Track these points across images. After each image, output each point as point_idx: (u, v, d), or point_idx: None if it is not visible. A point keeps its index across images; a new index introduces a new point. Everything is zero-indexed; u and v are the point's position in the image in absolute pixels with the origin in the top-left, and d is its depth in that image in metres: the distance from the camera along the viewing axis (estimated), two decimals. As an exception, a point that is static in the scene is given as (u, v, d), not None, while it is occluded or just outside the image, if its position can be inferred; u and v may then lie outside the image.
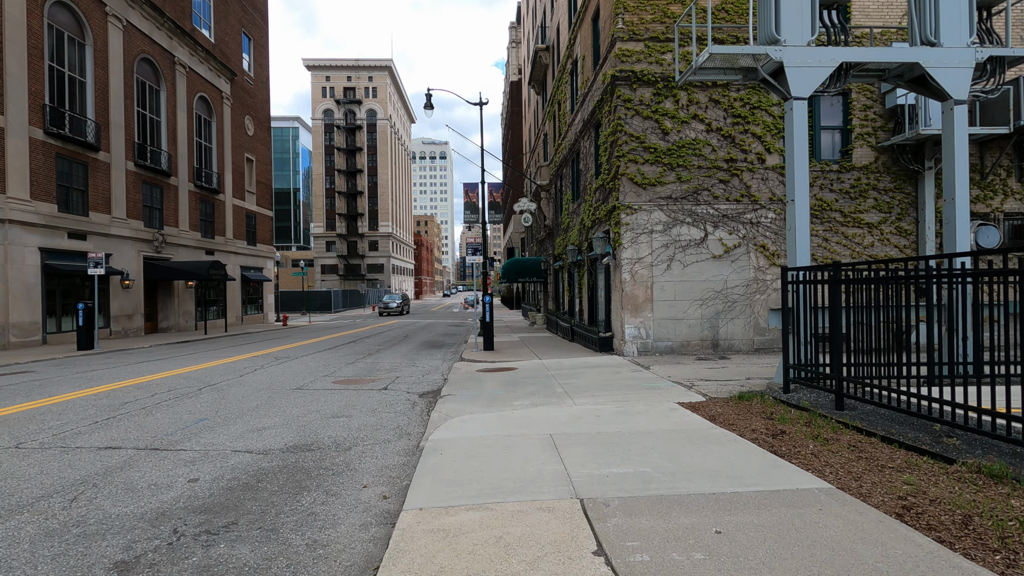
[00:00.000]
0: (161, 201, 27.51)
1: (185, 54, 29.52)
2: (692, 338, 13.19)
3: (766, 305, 13.26)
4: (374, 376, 11.19)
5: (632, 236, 13.10)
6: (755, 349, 13.23)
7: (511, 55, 60.38)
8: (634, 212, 13.10)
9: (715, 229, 13.25)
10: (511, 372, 11.36)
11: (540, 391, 8.94)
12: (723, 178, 13.21)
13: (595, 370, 11.13)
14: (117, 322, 23.86)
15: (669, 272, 13.17)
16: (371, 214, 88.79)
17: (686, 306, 13.17)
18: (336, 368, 12.44)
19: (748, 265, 13.26)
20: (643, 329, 13.09)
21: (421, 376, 11.19)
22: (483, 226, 19.83)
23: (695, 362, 11.89)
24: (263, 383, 10.23)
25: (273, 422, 6.98)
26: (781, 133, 13.29)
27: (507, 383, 9.89)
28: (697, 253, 13.22)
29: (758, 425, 6.13)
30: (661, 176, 13.14)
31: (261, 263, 38.39)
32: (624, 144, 13.07)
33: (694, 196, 13.21)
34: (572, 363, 12.29)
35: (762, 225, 13.29)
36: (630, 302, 13.06)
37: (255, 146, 37.92)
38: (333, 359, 14.30)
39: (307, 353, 15.90)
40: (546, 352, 14.81)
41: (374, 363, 13.41)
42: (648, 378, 9.91)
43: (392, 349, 17.00)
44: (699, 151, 13.18)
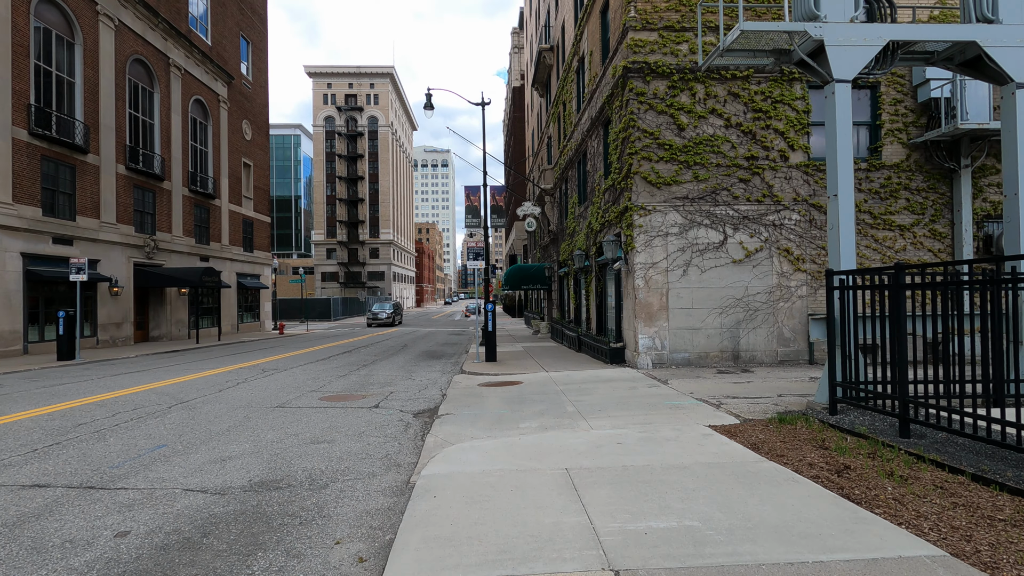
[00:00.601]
0: (153, 206, 26.68)
1: (180, 56, 28.83)
2: (711, 349, 12.21)
3: (790, 313, 12.29)
4: (366, 391, 10.22)
5: (646, 239, 12.17)
6: (779, 361, 12.24)
7: (513, 61, 59.88)
8: (648, 213, 12.17)
9: (735, 232, 12.31)
10: (516, 387, 10.39)
11: (549, 410, 7.97)
12: (743, 177, 12.29)
13: (608, 385, 10.15)
14: (105, 331, 22.95)
15: (686, 278, 12.22)
16: (372, 221, 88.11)
17: (704, 315, 12.21)
18: (326, 382, 11.48)
19: (771, 270, 12.30)
20: (658, 339, 12.12)
21: (417, 391, 10.22)
22: (484, 230, 18.93)
23: (716, 375, 10.91)
24: (242, 400, 9.27)
25: (242, 449, 6.01)
26: (805, 128, 12.38)
27: (512, 400, 8.91)
28: (716, 257, 12.27)
29: (813, 457, 5.15)
30: (677, 175, 12.23)
31: (258, 270, 37.54)
32: (637, 140, 12.17)
33: (712, 196, 12.29)
34: (582, 377, 11.31)
35: (786, 227, 12.34)
36: (644, 310, 12.10)
37: (253, 151, 37.19)
38: (325, 371, 13.34)
39: (298, 364, 14.94)
40: (552, 364, 13.84)
41: (368, 376, 12.45)
42: (668, 394, 8.93)
43: (389, 360, 16.03)
44: (717, 148, 12.27)
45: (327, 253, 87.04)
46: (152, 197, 26.57)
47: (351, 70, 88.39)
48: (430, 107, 20.22)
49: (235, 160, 34.60)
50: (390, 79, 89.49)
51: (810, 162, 12.36)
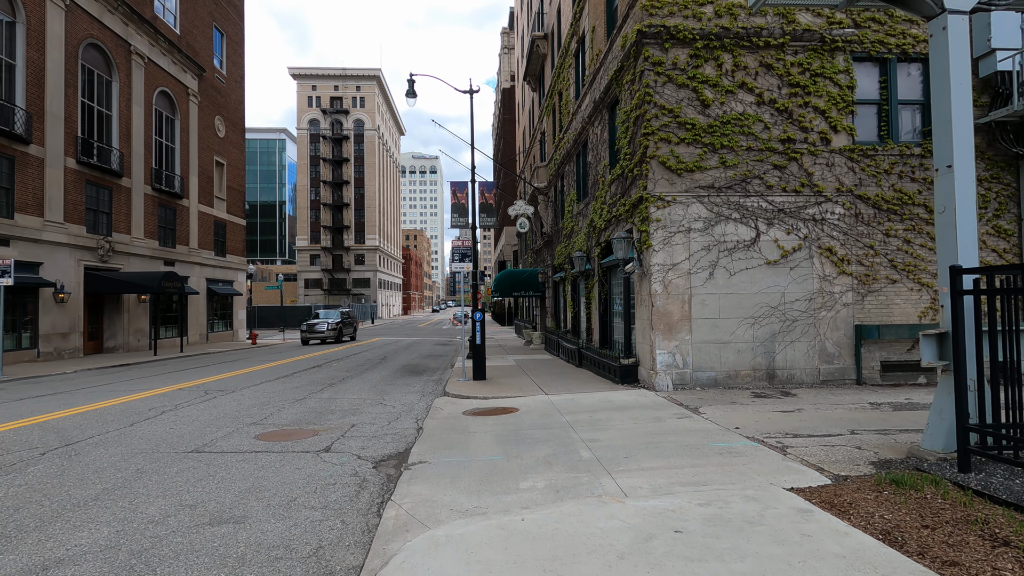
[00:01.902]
0: (110, 204, 24.32)
1: (144, 43, 26.59)
2: (741, 367, 10.26)
3: (834, 324, 10.38)
4: (321, 423, 8.10)
5: (665, 236, 10.22)
6: (821, 381, 10.31)
7: (503, 62, 58.29)
8: (667, 205, 10.23)
9: (769, 227, 10.40)
10: (511, 416, 8.33)
11: (558, 456, 5.93)
12: (778, 163, 10.41)
13: (625, 414, 8.14)
14: (48, 341, 20.51)
15: (712, 282, 10.28)
16: (358, 227, 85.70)
17: (733, 325, 10.26)
18: (275, 409, 9.33)
19: (811, 273, 10.41)
20: (679, 355, 10.14)
21: (387, 423, 8.12)
22: (472, 229, 16.91)
23: (753, 400, 8.94)
24: (152, 440, 7.11)
25: (92, 541, 3.89)
26: (849, 107, 10.54)
27: (507, 438, 6.86)
28: (747, 258, 10.35)
29: (1001, 563, 3.17)
30: (701, 159, 10.31)
31: (231, 276, 35.15)
32: (653, 119, 10.25)
33: (742, 185, 10.39)
34: (590, 402, 9.28)
35: (827, 223, 10.47)
36: (663, 320, 10.13)
37: (226, 149, 34.91)
38: (280, 393, 11.18)
39: (254, 383, 12.75)
40: (551, 383, 11.81)
41: (330, 399, 10.32)
42: (707, 429, 6.93)
43: (361, 377, 13.89)
44: (748, 128, 10.39)
45: (311, 259, 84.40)
46: (108, 195, 24.22)
47: (337, 72, 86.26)
48: (412, 94, 18.22)
49: (206, 158, 32.29)
50: (377, 81, 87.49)
51: (855, 146, 10.52)
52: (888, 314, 10.47)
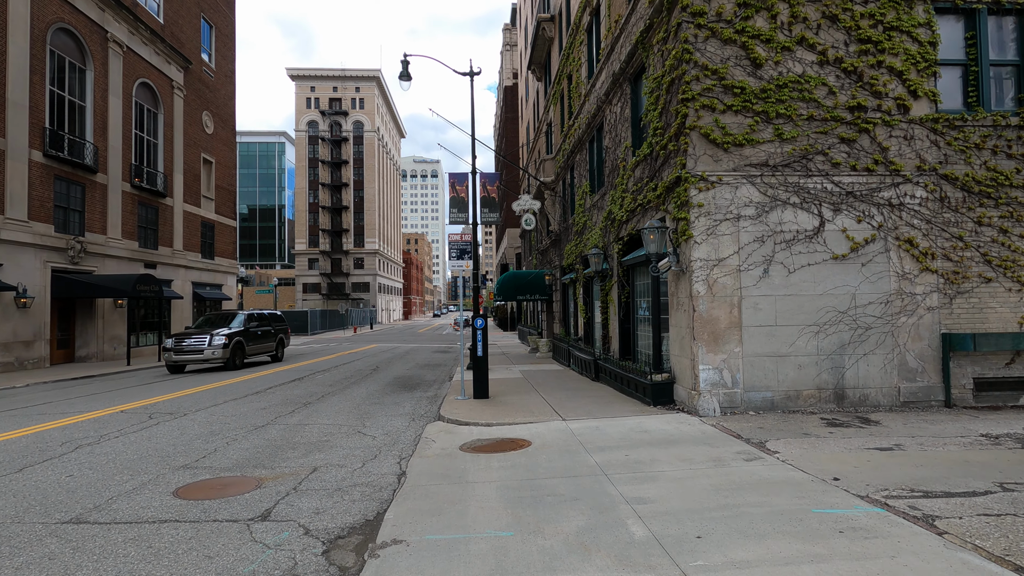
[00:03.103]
0: (82, 202, 22.51)
1: (122, 31, 24.86)
2: (804, 385, 8.33)
3: (916, 333, 8.46)
4: (274, 465, 6.20)
5: (708, 224, 8.32)
6: (902, 402, 8.38)
7: (505, 59, 56.67)
8: (711, 187, 8.34)
9: (835, 214, 8.50)
10: (521, 454, 6.42)
11: (596, 532, 4.03)
12: (846, 135, 8.52)
13: (671, 452, 6.22)
14: (8, 351, 18.65)
15: (767, 281, 8.38)
16: (357, 230, 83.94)
17: (793, 335, 8.35)
18: (224, 441, 7.43)
19: (887, 270, 8.50)
20: (727, 372, 8.22)
21: (360, 464, 6.22)
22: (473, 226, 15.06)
23: (828, 430, 7.02)
24: (32, 494, 5.21)
25: None
26: (930, 68, 8.65)
27: (519, 494, 4.96)
28: (809, 251, 8.45)
29: None
30: (752, 130, 8.43)
31: (220, 279, 33.34)
32: (694, 82, 8.37)
33: (802, 162, 8.49)
34: (621, 431, 7.36)
35: (907, 208, 8.56)
36: (707, 329, 8.22)
37: (215, 146, 33.16)
38: (240, 416, 9.28)
39: (215, 402, 10.85)
40: (567, 402, 9.89)
41: (299, 425, 8.42)
42: (795, 481, 5.02)
43: (345, 393, 11.99)
44: (809, 93, 8.50)
45: (309, 263, 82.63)
46: (80, 191, 22.42)
47: (336, 73, 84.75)
48: (407, 77, 16.41)
49: (193, 155, 30.53)
50: (376, 82, 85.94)
51: (939, 115, 8.62)
52: (982, 320, 8.55)
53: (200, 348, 17.43)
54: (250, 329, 19.72)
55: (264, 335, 20.83)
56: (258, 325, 20.55)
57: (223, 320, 19.58)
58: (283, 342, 22.53)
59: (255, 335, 20.04)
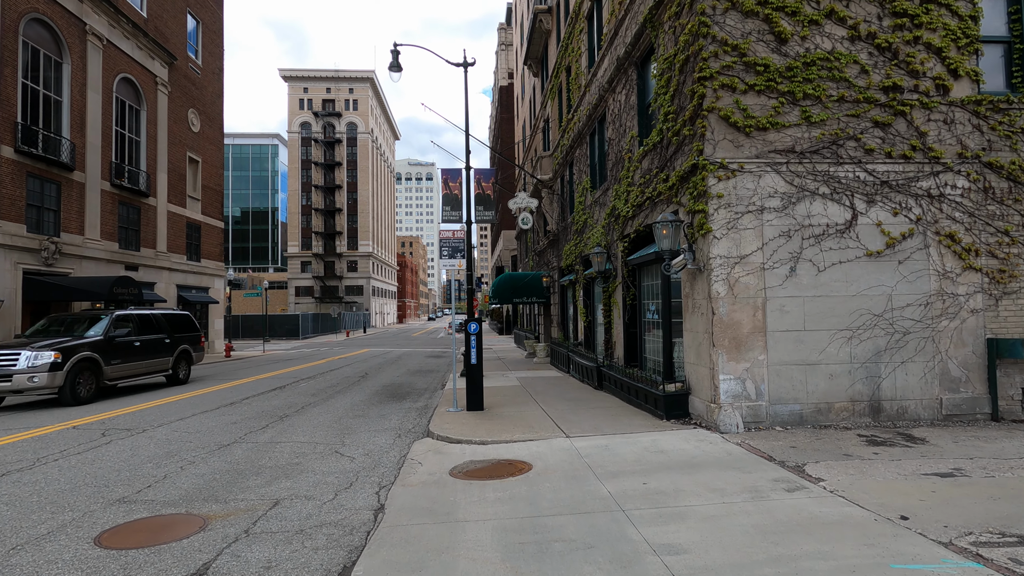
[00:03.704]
0: (57, 201, 21.47)
1: (102, 24, 23.87)
2: (836, 397, 7.45)
3: (959, 338, 7.60)
4: (230, 498, 5.26)
5: (729, 217, 7.44)
6: (944, 416, 7.51)
7: (500, 59, 55.99)
8: (731, 175, 7.47)
9: (869, 206, 7.64)
10: (521, 481, 5.50)
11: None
12: (880, 118, 7.67)
13: (696, 479, 5.32)
14: (-27, 358, 17.54)
15: (794, 280, 7.50)
16: (350, 233, 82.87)
17: (823, 340, 7.48)
18: (179, 465, 6.47)
19: (926, 268, 7.65)
20: (751, 382, 7.33)
21: (332, 495, 5.28)
22: (468, 225, 14.27)
23: (871, 450, 6.13)
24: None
25: None
26: (972, 44, 7.82)
27: (519, 539, 4.04)
28: (840, 247, 7.58)
29: None
30: (776, 113, 7.57)
31: (207, 282, 32.27)
32: (712, 59, 7.51)
33: (832, 148, 7.64)
34: (635, 452, 6.45)
35: (947, 200, 7.72)
36: (727, 334, 7.33)
37: (202, 145, 32.15)
38: (206, 432, 8.32)
39: (182, 415, 9.87)
40: (571, 415, 8.97)
41: (270, 444, 7.47)
42: (854, 520, 4.12)
43: (328, 403, 11.03)
44: (839, 72, 7.66)
45: (302, 266, 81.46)
46: (56, 190, 21.37)
47: (329, 74, 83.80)
48: (397, 67, 15.55)
49: (178, 153, 29.51)
50: (370, 83, 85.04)
51: (981, 97, 7.79)
52: (1031, 324, 7.70)
53: (7, 372, 10.75)
54: (117, 339, 13.04)
55: (148, 348, 14.16)
56: (135, 333, 13.78)
57: (77, 324, 13.17)
58: (188, 356, 16.18)
59: (128, 348, 13.31)
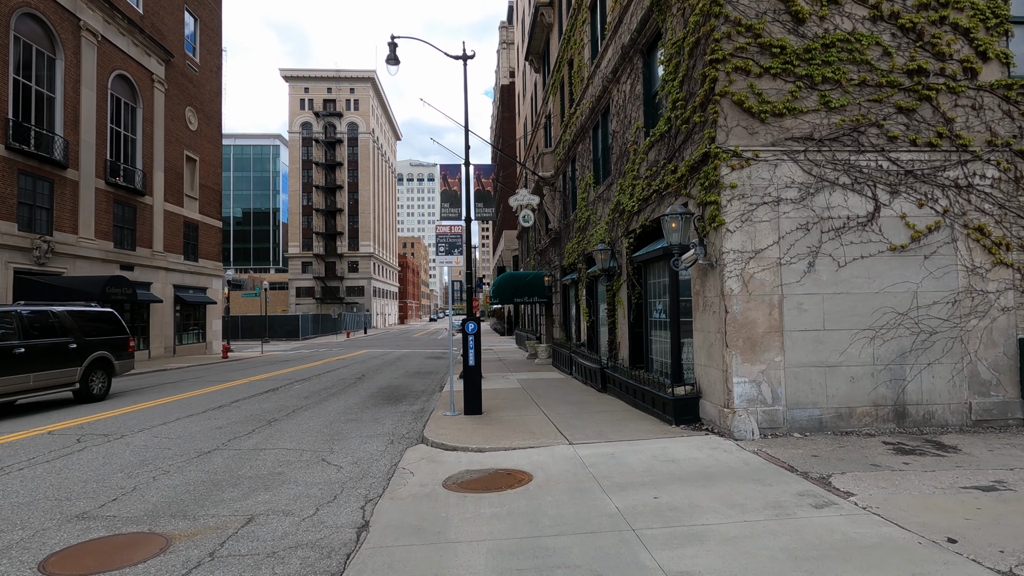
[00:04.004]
0: (50, 199, 21.07)
1: (97, 19, 23.49)
2: (857, 401, 6.97)
3: (989, 339, 7.11)
4: (200, 513, 4.80)
5: (743, 209, 6.97)
6: (974, 421, 7.02)
7: (501, 58, 55.60)
8: (746, 164, 6.99)
9: (892, 197, 7.16)
10: (520, 494, 5.03)
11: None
12: (904, 104, 7.19)
13: (712, 492, 4.84)
14: (-38, 359, 17.14)
15: (812, 277, 7.02)
16: (351, 233, 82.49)
17: (844, 341, 6.99)
18: (153, 475, 6.01)
19: (954, 263, 7.16)
20: (766, 385, 6.86)
21: (313, 510, 4.82)
22: (467, 222, 13.77)
23: (900, 459, 5.65)
24: None
25: None
26: (1002, 24, 7.34)
27: (518, 570, 3.57)
28: (862, 241, 7.10)
29: None
30: (793, 98, 7.09)
31: (204, 282, 31.86)
32: (724, 40, 7.04)
33: (853, 136, 7.16)
34: (644, 461, 5.97)
35: (976, 191, 7.23)
36: (742, 334, 6.85)
37: (200, 144, 31.76)
38: (188, 438, 7.87)
39: (166, 419, 9.43)
40: (574, 419, 8.50)
41: (254, 451, 7.01)
42: (895, 543, 3.65)
43: (320, 407, 10.58)
44: (860, 54, 7.18)
45: (302, 267, 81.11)
46: (48, 188, 20.98)
47: (330, 74, 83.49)
48: (394, 60, 15.10)
49: (175, 152, 29.12)
50: (371, 83, 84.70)
51: (1012, 81, 7.30)
52: (1066, 323, 7.21)
53: None
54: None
55: (40, 356, 10.52)
56: (18, 336, 10.18)
57: None
58: (107, 365, 12.35)
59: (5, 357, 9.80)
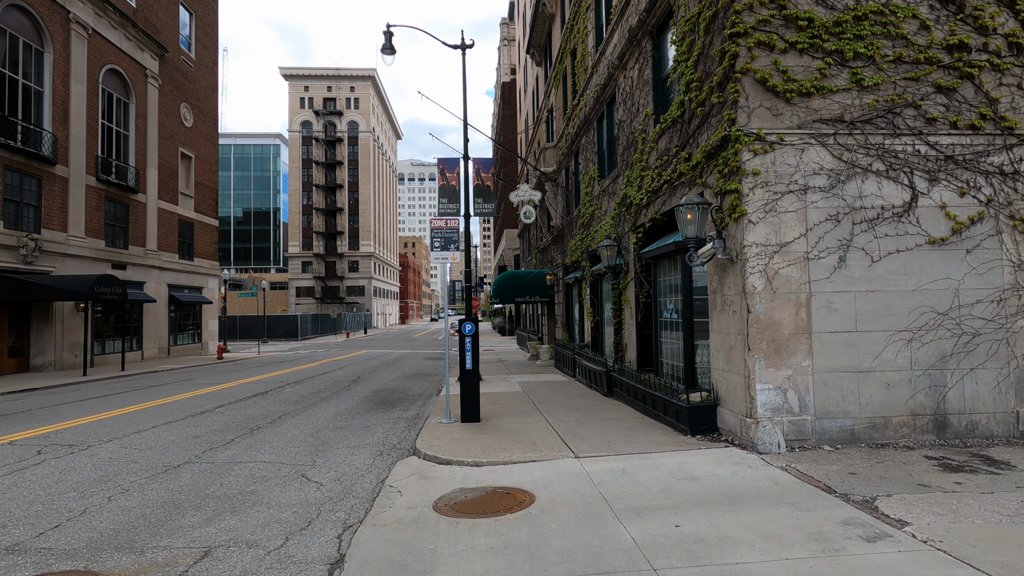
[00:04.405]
0: (38, 196, 20.47)
1: (87, 12, 22.89)
2: (893, 410, 6.31)
3: (1037, 340, 6.45)
4: (152, 545, 4.17)
5: (767, 199, 6.32)
6: (1022, 432, 6.36)
7: (502, 55, 54.98)
8: (769, 149, 6.34)
9: (931, 185, 6.50)
10: (521, 522, 4.39)
11: None
12: (943, 82, 6.54)
13: (741, 518, 4.19)
14: (-57, 361, 16.58)
15: (843, 273, 6.37)
16: (352, 232, 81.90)
17: (879, 343, 6.34)
18: (104, 497, 5.38)
19: (999, 258, 6.50)
20: (793, 393, 6.20)
21: (279, 541, 4.18)
22: (467, 218, 13.30)
23: (950, 477, 4.99)
24: None
25: None
26: (1050, -3, 6.68)
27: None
28: (898, 234, 6.44)
29: None
30: (822, 76, 6.44)
31: (200, 282, 31.26)
32: (746, 12, 6.39)
33: (888, 118, 6.50)
34: (658, 480, 5.33)
35: (1023, 178, 6.57)
36: (765, 335, 6.20)
37: (195, 140, 31.16)
38: (160, 448, 7.24)
39: (140, 427, 8.80)
40: (579, 428, 7.85)
41: (225, 467, 6.38)
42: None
43: (309, 412, 9.95)
44: (895, 27, 6.52)
45: (303, 267, 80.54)
46: (36, 184, 20.38)
47: (330, 72, 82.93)
48: (390, 50, 14.49)
49: (169, 149, 28.52)
50: (372, 82, 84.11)
51: (1062, 58, 6.65)
52: (1122, 323, 6.55)
53: None
54: None
55: None
56: None
57: None
58: None
59: None
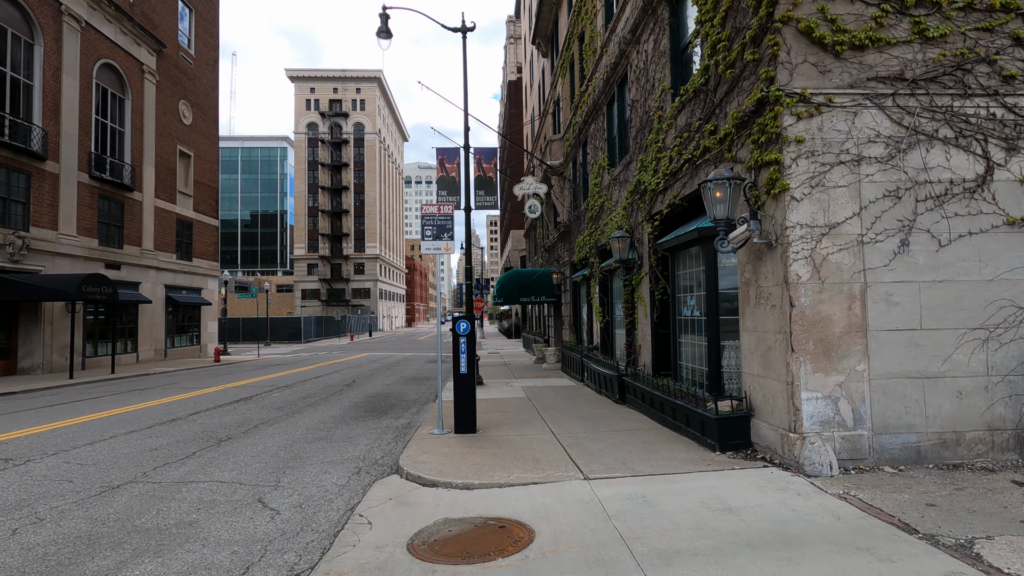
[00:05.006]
0: (27, 193, 19.77)
1: (80, 5, 22.23)
2: (967, 423, 5.27)
3: None
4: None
5: (812, 171, 5.31)
6: (1121, 450, 5.30)
7: (508, 54, 54.25)
8: (816, 112, 5.34)
9: (1010, 155, 5.47)
10: (516, 571, 3.41)
11: None
12: (1022, 32, 5.51)
13: (800, 570, 3.19)
14: (-78, 363, 15.85)
15: (904, 260, 5.35)
16: (357, 234, 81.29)
17: (948, 343, 5.31)
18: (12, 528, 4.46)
19: (1090, 243, 5.45)
20: (845, 403, 5.18)
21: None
22: (467, 211, 12.35)
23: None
24: None
25: None
26: None
27: None
28: (970, 213, 5.41)
29: None
30: (878, 26, 5.43)
31: (199, 283, 30.54)
32: (785, -49, 5.40)
33: (957, 75, 5.48)
34: (688, 511, 4.33)
35: (1118, 147, 5.52)
36: (812, 334, 5.19)
37: (194, 138, 30.49)
38: (101, 466, 6.31)
39: (96, 438, 7.89)
40: (589, 441, 6.85)
41: (172, 488, 5.45)
42: None
43: (287, 422, 9.02)
44: (964, -31, 5.51)
45: (308, 269, 80.00)
46: (25, 180, 19.68)
47: (336, 74, 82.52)
48: (386, 33, 13.64)
49: (167, 146, 27.83)
50: (378, 83, 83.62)
51: None
52: None
53: None
54: None
55: None
56: None
57: None
58: None
59: None
